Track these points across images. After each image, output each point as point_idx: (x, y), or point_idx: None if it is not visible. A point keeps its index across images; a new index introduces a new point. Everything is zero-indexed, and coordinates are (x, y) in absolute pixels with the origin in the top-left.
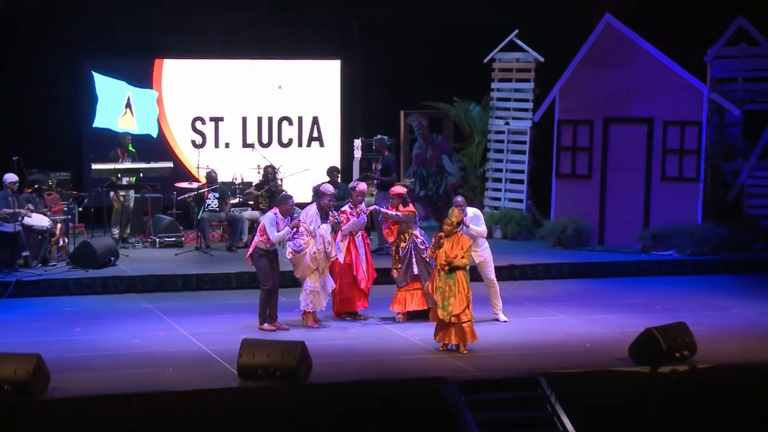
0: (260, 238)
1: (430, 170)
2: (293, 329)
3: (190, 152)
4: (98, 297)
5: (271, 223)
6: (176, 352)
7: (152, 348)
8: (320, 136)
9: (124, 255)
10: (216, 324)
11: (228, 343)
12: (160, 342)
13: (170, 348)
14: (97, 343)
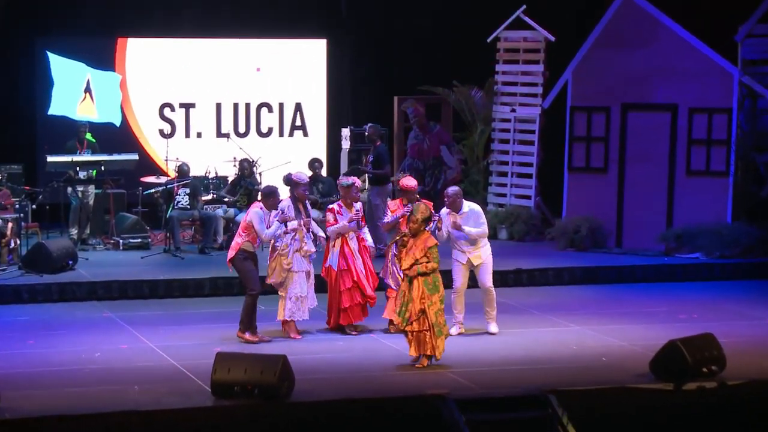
0: (245, 239)
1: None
2: (273, 341)
3: (158, 143)
4: (54, 305)
5: (261, 220)
6: (142, 368)
7: (115, 363)
8: (304, 125)
9: (84, 258)
10: (187, 336)
11: (200, 357)
12: (123, 356)
13: (135, 363)
14: (52, 357)
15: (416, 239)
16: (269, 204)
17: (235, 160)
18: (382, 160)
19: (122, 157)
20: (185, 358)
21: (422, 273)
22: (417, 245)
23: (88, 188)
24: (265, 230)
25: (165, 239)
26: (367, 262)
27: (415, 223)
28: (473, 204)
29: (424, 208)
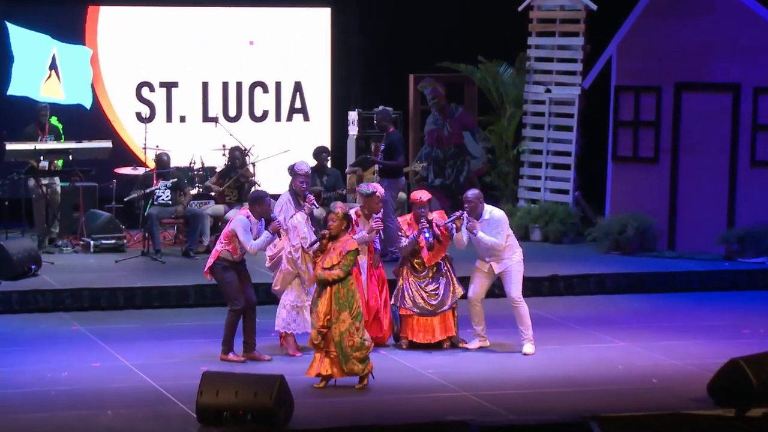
0: (225, 247)
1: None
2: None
3: (135, 128)
4: (14, 317)
5: (246, 230)
6: (117, 390)
7: (85, 384)
8: (304, 108)
9: (48, 262)
10: (168, 353)
11: (184, 377)
12: (95, 376)
13: (109, 384)
14: (12, 377)
15: (336, 242)
16: (257, 212)
17: (225, 149)
18: (395, 149)
19: (93, 145)
20: (166, 379)
21: (322, 279)
22: (335, 248)
23: (54, 181)
24: (251, 241)
25: (143, 240)
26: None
27: (335, 221)
28: (497, 210)
29: (342, 205)
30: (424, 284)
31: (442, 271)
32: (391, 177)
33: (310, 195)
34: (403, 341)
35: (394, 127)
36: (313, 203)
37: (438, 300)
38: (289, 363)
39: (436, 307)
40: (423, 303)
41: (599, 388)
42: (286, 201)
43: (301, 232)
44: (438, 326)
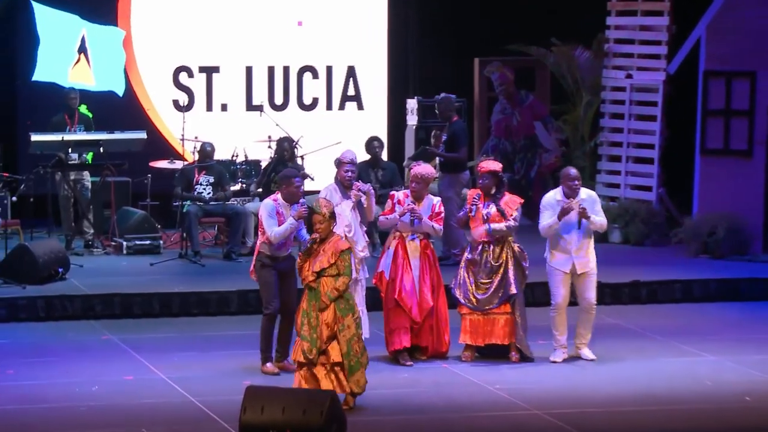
0: (261, 240)
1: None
2: None
3: (172, 117)
4: (39, 325)
5: (270, 214)
6: (152, 406)
7: (117, 399)
8: (358, 95)
9: (77, 265)
10: (208, 365)
11: (225, 392)
12: (128, 390)
13: (143, 399)
14: (37, 391)
15: (325, 243)
16: (285, 193)
17: (271, 140)
18: (459, 141)
19: (126, 136)
20: (206, 394)
21: (333, 297)
22: (326, 250)
23: (83, 176)
24: (273, 228)
25: (181, 241)
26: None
27: (323, 223)
28: (588, 190)
29: (326, 203)
30: (477, 271)
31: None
32: (454, 172)
33: (358, 183)
34: (464, 353)
35: (458, 116)
36: (360, 191)
37: (485, 296)
38: None
39: (481, 303)
40: (470, 294)
41: (685, 407)
42: (331, 190)
43: (346, 220)
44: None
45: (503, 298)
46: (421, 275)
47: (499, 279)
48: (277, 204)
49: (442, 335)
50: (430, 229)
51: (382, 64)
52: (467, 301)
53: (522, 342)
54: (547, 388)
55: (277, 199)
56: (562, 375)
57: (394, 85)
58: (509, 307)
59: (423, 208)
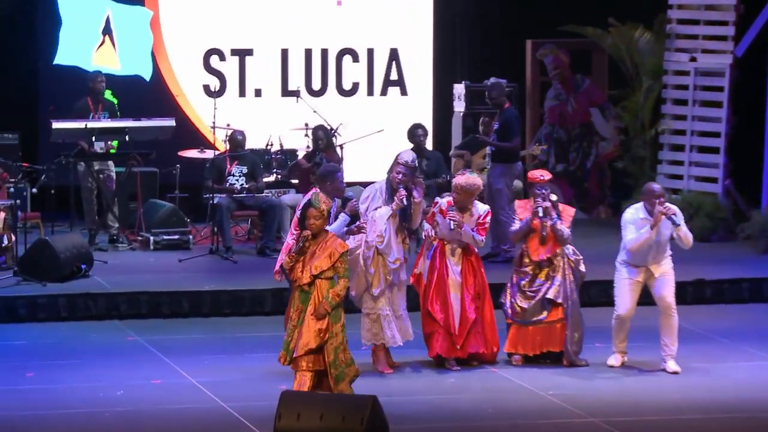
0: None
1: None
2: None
3: (202, 103)
4: (61, 325)
5: None
6: (180, 412)
7: (144, 405)
8: (401, 80)
9: (101, 261)
10: (241, 368)
11: (259, 397)
12: (155, 396)
13: (171, 404)
14: (58, 396)
15: (318, 241)
16: (328, 190)
17: (308, 128)
18: (510, 129)
19: (153, 124)
20: (238, 399)
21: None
22: (322, 250)
23: (108, 166)
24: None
25: (211, 236)
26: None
27: (319, 219)
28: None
29: (325, 198)
30: (525, 282)
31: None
32: (505, 162)
33: (403, 190)
34: (514, 357)
35: (510, 102)
36: (402, 200)
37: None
38: (381, 381)
39: (526, 314)
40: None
41: (755, 416)
42: (377, 190)
43: (379, 229)
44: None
45: (550, 307)
46: (463, 283)
47: (545, 287)
48: None
49: (491, 343)
50: (470, 240)
51: (427, 46)
52: (514, 314)
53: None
54: (604, 394)
55: None
56: (619, 380)
57: (440, 69)
58: (561, 313)
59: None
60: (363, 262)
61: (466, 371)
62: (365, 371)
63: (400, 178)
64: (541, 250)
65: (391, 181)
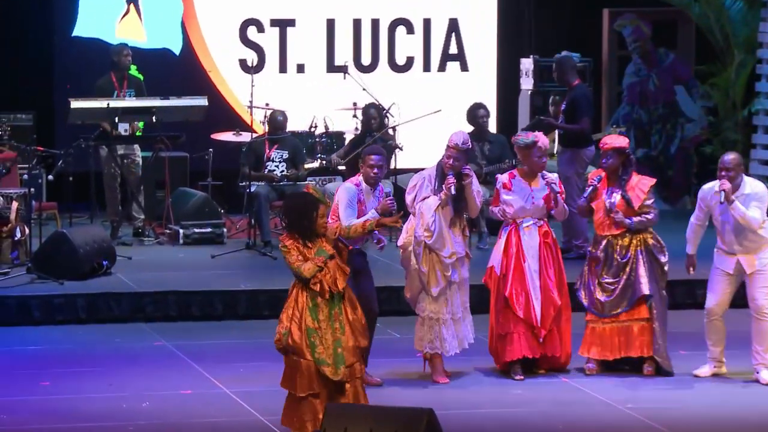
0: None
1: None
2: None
3: (238, 80)
4: (80, 328)
5: (350, 202)
6: (213, 425)
7: (172, 417)
8: (462, 54)
9: (125, 257)
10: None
11: None
12: (185, 407)
13: (203, 418)
14: (78, 407)
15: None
16: (363, 175)
17: (356, 108)
18: (580, 109)
19: (184, 103)
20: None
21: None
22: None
23: (133, 150)
24: (352, 219)
25: (248, 229)
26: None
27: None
28: (758, 184)
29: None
30: (601, 271)
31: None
32: (575, 146)
33: (452, 177)
34: (588, 364)
35: (581, 79)
36: (451, 188)
37: (610, 298)
38: (438, 392)
39: (606, 308)
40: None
41: None
42: (424, 178)
43: (426, 221)
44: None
45: (633, 300)
46: (542, 269)
47: (625, 278)
48: (359, 190)
49: (565, 343)
50: (561, 208)
51: (491, 15)
52: (592, 305)
53: (661, 353)
54: (690, 408)
55: (359, 184)
56: (707, 392)
57: (505, 42)
58: (645, 312)
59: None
60: (414, 259)
61: (534, 381)
62: (417, 380)
63: (451, 163)
64: (607, 225)
65: (441, 167)
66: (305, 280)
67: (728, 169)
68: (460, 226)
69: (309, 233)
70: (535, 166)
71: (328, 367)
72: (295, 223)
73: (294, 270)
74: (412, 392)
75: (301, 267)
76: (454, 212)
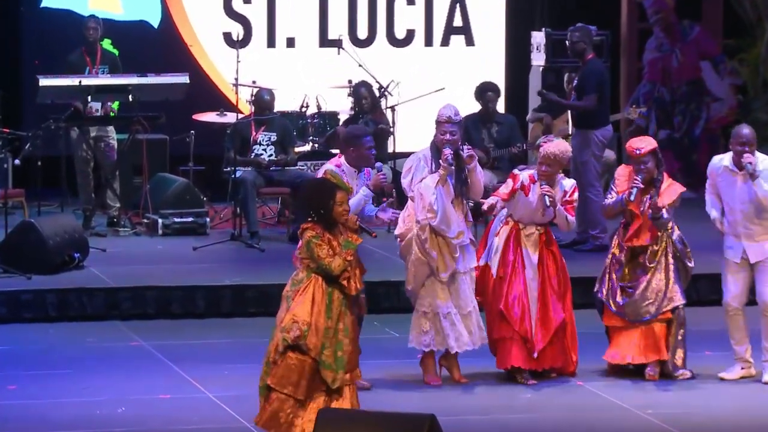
0: None
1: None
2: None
3: (222, 55)
4: (50, 326)
5: None
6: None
7: (150, 424)
8: (467, 26)
9: (99, 249)
10: None
11: None
12: (163, 412)
13: (183, 424)
14: (48, 413)
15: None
16: (352, 157)
17: (351, 86)
18: (589, 85)
19: (163, 80)
20: None
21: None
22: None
23: (107, 132)
24: None
25: (233, 218)
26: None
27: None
28: None
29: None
30: (621, 274)
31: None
32: (589, 127)
33: (448, 149)
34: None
35: (595, 53)
36: (448, 159)
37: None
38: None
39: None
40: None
41: None
42: (419, 158)
43: (427, 201)
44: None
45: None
46: (543, 279)
47: (647, 281)
48: (342, 171)
49: (569, 352)
50: (562, 221)
51: None
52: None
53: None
54: (716, 413)
55: (341, 165)
56: (734, 396)
57: (514, 14)
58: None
59: None
60: (419, 246)
61: (545, 385)
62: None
63: (447, 138)
64: (637, 235)
65: (438, 144)
66: (333, 276)
67: (750, 144)
68: (463, 212)
69: (327, 223)
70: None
71: (330, 372)
72: (310, 212)
73: (323, 266)
74: (412, 396)
75: (331, 263)
76: (455, 194)
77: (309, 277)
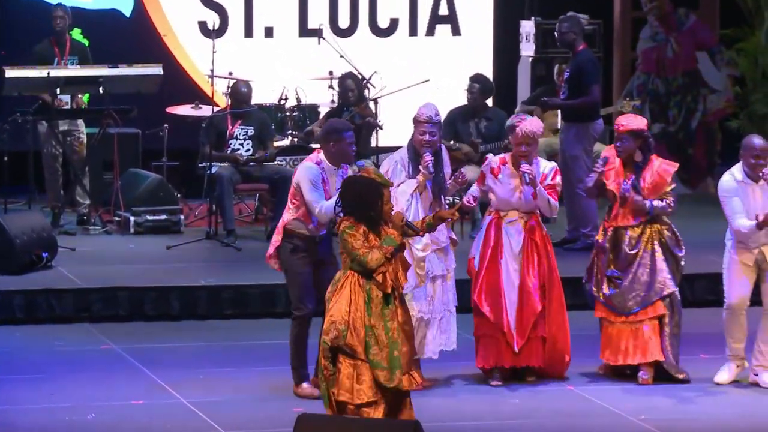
0: (294, 215)
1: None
2: None
3: (197, 45)
4: (17, 329)
5: (315, 183)
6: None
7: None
8: (453, 15)
9: (68, 248)
10: (245, 385)
11: (269, 422)
12: (136, 419)
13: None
14: (14, 419)
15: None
16: (332, 153)
17: (333, 77)
18: (588, 76)
19: (135, 72)
20: (241, 425)
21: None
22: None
23: (77, 126)
24: (321, 201)
25: (209, 215)
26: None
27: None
28: None
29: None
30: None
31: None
32: (581, 121)
33: (428, 154)
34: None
35: (587, 44)
36: (429, 166)
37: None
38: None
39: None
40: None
41: None
42: (396, 161)
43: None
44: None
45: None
46: (524, 270)
47: (632, 273)
48: (321, 169)
49: (561, 353)
50: (545, 204)
51: None
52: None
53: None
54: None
55: (321, 162)
56: (732, 402)
57: (503, 2)
58: (662, 308)
59: None
60: None
61: (534, 389)
62: None
63: (426, 138)
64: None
65: (415, 145)
66: (369, 271)
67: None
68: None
69: (376, 224)
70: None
71: (383, 371)
72: (359, 215)
73: (358, 258)
74: None
75: (366, 255)
76: (433, 196)
77: (345, 274)
